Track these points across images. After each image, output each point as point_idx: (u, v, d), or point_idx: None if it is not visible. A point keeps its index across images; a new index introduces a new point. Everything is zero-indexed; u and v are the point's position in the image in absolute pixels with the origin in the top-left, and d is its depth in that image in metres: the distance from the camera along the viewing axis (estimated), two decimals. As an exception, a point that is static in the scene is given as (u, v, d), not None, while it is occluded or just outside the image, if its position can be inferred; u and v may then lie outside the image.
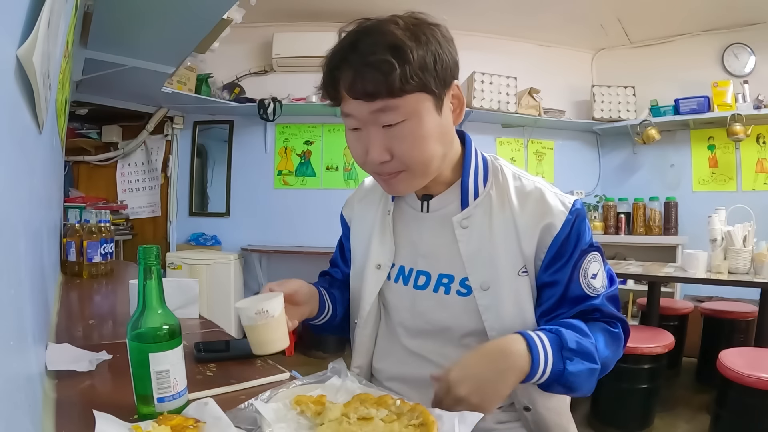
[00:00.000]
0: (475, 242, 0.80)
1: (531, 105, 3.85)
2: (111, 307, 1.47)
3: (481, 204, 0.81)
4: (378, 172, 0.78)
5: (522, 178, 0.84)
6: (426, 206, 0.86)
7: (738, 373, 1.81)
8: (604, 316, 0.79)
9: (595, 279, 0.79)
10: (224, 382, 0.77)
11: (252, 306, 0.74)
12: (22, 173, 0.58)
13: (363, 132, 0.75)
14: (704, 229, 2.61)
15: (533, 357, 0.69)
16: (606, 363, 0.76)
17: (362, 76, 0.69)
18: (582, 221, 0.79)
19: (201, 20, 2.22)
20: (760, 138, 3.60)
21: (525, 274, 0.79)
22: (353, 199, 1.01)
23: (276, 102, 3.65)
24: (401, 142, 0.73)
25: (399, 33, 0.69)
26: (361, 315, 0.91)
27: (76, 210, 2.12)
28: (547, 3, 3.46)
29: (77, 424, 0.63)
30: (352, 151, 0.79)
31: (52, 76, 0.77)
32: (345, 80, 0.72)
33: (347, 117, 0.76)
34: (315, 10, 3.61)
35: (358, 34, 0.72)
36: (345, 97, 0.73)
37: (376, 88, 0.69)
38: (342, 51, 0.72)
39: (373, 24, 0.72)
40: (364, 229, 0.94)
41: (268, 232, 3.89)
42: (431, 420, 0.59)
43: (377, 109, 0.71)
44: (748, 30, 3.58)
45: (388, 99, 0.69)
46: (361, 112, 0.72)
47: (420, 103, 0.71)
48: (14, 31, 0.47)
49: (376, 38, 0.69)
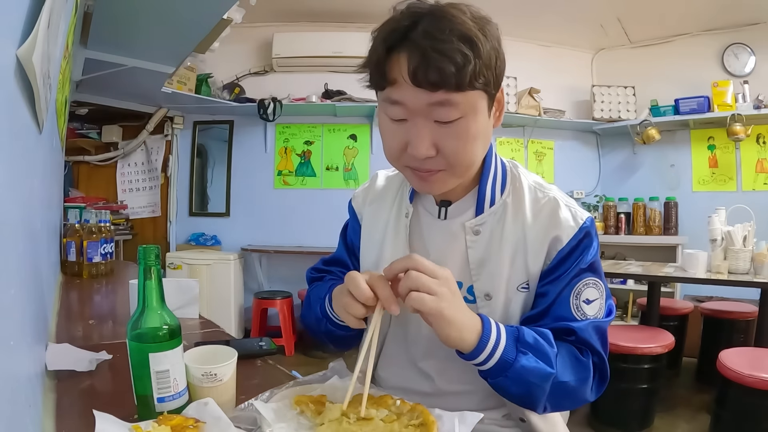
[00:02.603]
0: (484, 250, 0.78)
1: (531, 105, 3.85)
2: (111, 307, 1.47)
3: (495, 212, 0.79)
4: (416, 168, 0.71)
5: (538, 190, 0.80)
6: (444, 212, 0.82)
7: (738, 373, 1.81)
8: (578, 342, 0.73)
9: (588, 305, 0.74)
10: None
11: (199, 367, 0.67)
12: (22, 173, 0.58)
13: (409, 123, 0.68)
14: (704, 229, 2.61)
15: (484, 331, 0.66)
16: (564, 385, 0.70)
17: (431, 62, 0.62)
18: (589, 241, 0.76)
19: (201, 20, 2.22)
20: (760, 138, 3.60)
21: (525, 289, 0.77)
22: (365, 195, 0.94)
23: (276, 102, 3.65)
24: (452, 140, 0.67)
25: (470, 23, 0.63)
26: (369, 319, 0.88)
27: (76, 210, 2.11)
28: (547, 3, 3.46)
29: (77, 424, 0.63)
30: (387, 141, 0.73)
31: (52, 76, 0.77)
32: (409, 63, 0.63)
33: (394, 104, 0.67)
34: (315, 10, 3.61)
35: (423, 16, 0.64)
36: (399, 83, 0.65)
37: (443, 78, 0.62)
38: (405, 30, 0.64)
39: (438, 8, 0.65)
40: (376, 231, 0.89)
41: (268, 232, 3.89)
42: (431, 420, 0.59)
43: (436, 102, 0.64)
44: (748, 30, 3.58)
45: (452, 93, 0.63)
46: (416, 102, 0.65)
47: (478, 101, 0.67)
48: (14, 31, 0.47)
49: (447, 24, 0.62)
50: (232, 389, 0.71)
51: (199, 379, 0.67)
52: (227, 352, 0.72)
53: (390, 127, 0.71)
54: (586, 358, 0.74)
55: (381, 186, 0.93)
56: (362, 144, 3.94)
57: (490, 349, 0.66)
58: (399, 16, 0.66)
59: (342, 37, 3.60)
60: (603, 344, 0.75)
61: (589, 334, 0.73)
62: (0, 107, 0.42)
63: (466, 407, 0.64)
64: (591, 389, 0.75)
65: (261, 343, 1.01)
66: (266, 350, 0.99)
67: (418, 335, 0.84)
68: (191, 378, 0.67)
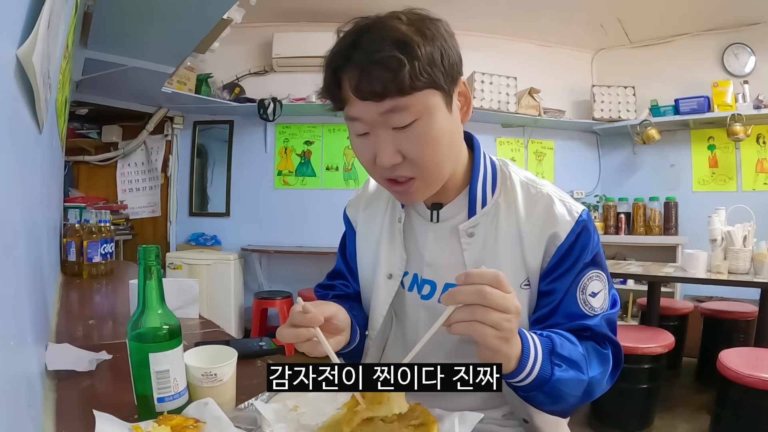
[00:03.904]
0: (480, 251, 0.78)
1: (531, 105, 3.85)
2: (111, 307, 1.47)
3: (488, 212, 0.79)
4: (389, 179, 0.73)
5: (531, 186, 0.80)
6: (436, 216, 0.82)
7: (738, 373, 1.81)
8: (595, 336, 0.75)
9: (594, 297, 0.75)
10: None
11: (199, 367, 0.67)
12: (22, 173, 0.58)
13: (371, 136, 0.70)
14: (704, 229, 2.61)
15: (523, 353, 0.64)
16: (593, 382, 0.71)
17: (369, 74, 0.65)
18: (587, 234, 0.76)
19: (201, 20, 2.23)
20: (760, 138, 3.60)
21: (527, 287, 0.77)
22: (358, 202, 0.95)
23: (276, 102, 3.65)
24: (413, 144, 0.69)
25: (404, 28, 0.65)
26: (373, 327, 0.87)
27: (76, 210, 2.12)
28: (547, 3, 3.46)
29: (77, 424, 0.63)
30: (359, 157, 0.74)
31: (52, 76, 0.77)
32: (350, 81, 0.67)
33: (353, 121, 0.70)
34: (315, 10, 3.61)
35: (360, 32, 0.67)
36: (351, 100, 0.68)
37: (384, 86, 0.65)
38: (345, 50, 0.68)
39: (375, 21, 0.68)
40: (371, 237, 0.89)
41: (268, 232, 3.89)
42: (431, 420, 0.59)
43: (387, 110, 0.66)
44: (748, 30, 3.58)
45: (398, 98, 0.65)
46: (369, 114, 0.68)
47: (431, 100, 0.68)
48: (14, 31, 0.47)
49: (380, 35, 0.65)
50: (232, 389, 0.71)
51: (199, 379, 0.67)
52: (227, 352, 0.72)
53: (357, 142, 0.73)
54: (606, 350, 0.75)
55: (372, 191, 0.94)
56: (362, 144, 3.93)
57: (528, 370, 0.65)
58: (342, 37, 0.69)
59: (342, 37, 3.62)
60: (615, 333, 0.77)
61: (604, 328, 0.75)
62: (0, 107, 0.42)
63: (467, 407, 0.64)
64: (608, 378, 0.76)
65: (261, 343, 1.01)
66: (266, 350, 0.99)
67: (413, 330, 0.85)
68: (191, 378, 0.67)
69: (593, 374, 0.71)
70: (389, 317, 0.87)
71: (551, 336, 0.69)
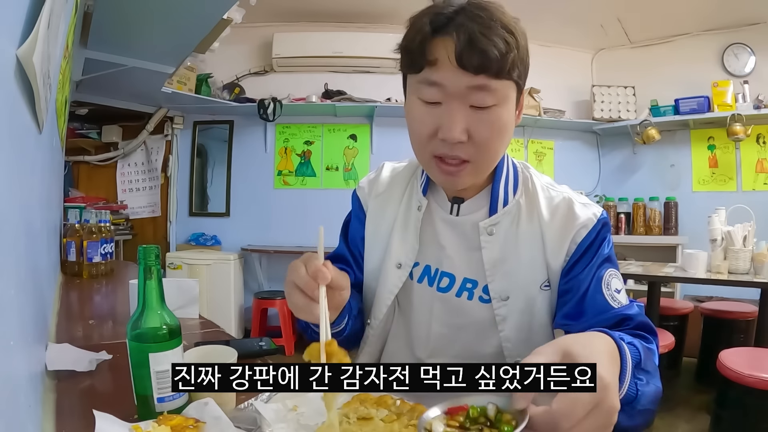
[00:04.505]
0: (499, 250, 0.78)
1: (531, 105, 3.85)
2: (111, 307, 1.47)
3: (509, 212, 0.79)
4: (443, 156, 0.70)
5: (551, 189, 0.82)
6: (456, 209, 0.81)
7: (738, 373, 1.81)
8: (638, 327, 0.70)
9: (619, 294, 0.74)
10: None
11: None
12: (22, 173, 0.58)
13: (443, 107, 0.68)
14: (704, 229, 2.61)
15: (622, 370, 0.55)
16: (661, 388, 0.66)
17: (477, 45, 0.63)
18: (606, 230, 0.77)
19: (201, 20, 2.23)
20: (760, 138, 3.60)
21: (547, 288, 0.77)
22: (370, 186, 0.91)
23: (276, 102, 3.65)
24: (485, 127, 0.68)
25: (509, 16, 0.67)
26: (375, 316, 0.85)
27: (76, 210, 2.11)
28: (547, 3, 3.46)
29: (77, 424, 0.63)
30: (416, 126, 0.71)
31: (52, 76, 0.77)
32: (450, 45, 0.64)
33: (431, 86, 0.67)
34: (315, 10, 3.61)
35: (468, 4, 0.66)
36: (440, 64, 0.65)
37: (486, 62, 0.63)
38: (451, 14, 0.65)
39: (478, 1, 0.67)
40: (383, 224, 0.87)
41: (268, 232, 3.89)
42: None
43: (476, 86, 0.65)
44: (748, 30, 3.58)
45: (491, 78, 0.65)
46: (455, 84, 0.65)
47: (510, 92, 0.69)
48: (14, 31, 0.47)
49: (491, 14, 0.65)
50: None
51: None
52: (227, 352, 0.72)
53: (421, 111, 0.70)
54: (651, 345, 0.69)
55: (387, 180, 0.91)
56: (362, 144, 3.94)
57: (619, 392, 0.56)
58: (441, 4, 0.68)
59: (342, 37, 3.60)
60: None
61: (643, 316, 0.73)
62: (0, 107, 0.42)
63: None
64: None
65: (261, 343, 1.01)
66: (266, 350, 0.99)
67: (427, 335, 0.83)
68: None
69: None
70: (393, 307, 0.86)
71: (639, 348, 0.62)
